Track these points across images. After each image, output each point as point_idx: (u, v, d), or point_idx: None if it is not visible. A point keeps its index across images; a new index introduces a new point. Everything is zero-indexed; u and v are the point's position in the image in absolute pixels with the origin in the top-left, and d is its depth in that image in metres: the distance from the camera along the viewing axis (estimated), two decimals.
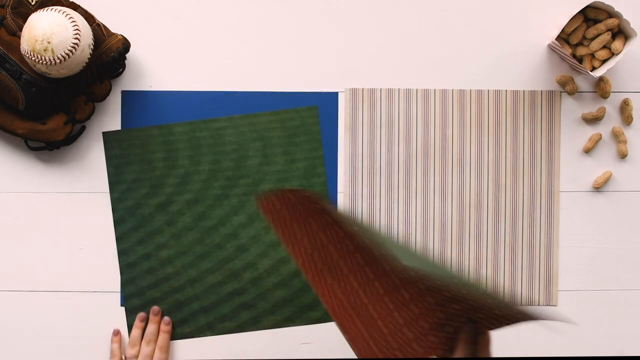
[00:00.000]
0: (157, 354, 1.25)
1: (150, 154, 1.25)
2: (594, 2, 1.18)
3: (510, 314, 0.91)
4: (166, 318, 1.26)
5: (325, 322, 1.26)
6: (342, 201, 1.26)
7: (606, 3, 1.17)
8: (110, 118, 1.25)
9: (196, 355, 1.26)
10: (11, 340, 1.26)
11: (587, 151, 1.25)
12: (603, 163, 1.26)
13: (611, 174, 1.25)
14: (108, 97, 1.23)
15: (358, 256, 0.98)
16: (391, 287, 0.98)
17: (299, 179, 1.26)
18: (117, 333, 1.26)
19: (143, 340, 1.25)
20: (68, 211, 1.25)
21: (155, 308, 1.26)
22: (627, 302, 1.26)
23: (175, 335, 1.26)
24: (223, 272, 1.26)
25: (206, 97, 1.25)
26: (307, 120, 1.25)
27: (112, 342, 1.26)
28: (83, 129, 1.24)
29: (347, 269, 1.01)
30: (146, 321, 1.26)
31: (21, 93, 1.18)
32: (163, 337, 1.25)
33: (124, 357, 1.26)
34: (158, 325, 1.26)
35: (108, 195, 1.25)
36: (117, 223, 1.25)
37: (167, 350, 1.26)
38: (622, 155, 1.25)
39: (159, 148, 1.25)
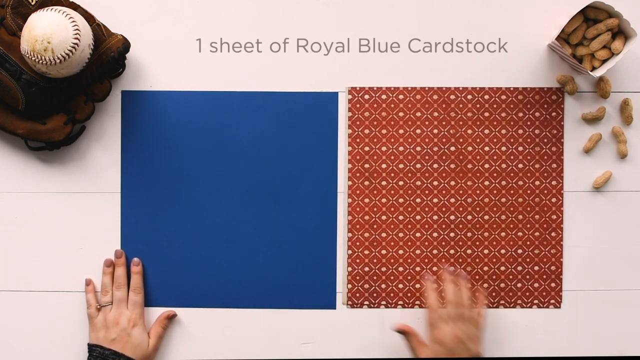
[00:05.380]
0: (131, 296, 1.24)
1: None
2: (594, 2, 1.18)
3: None
4: (135, 259, 1.25)
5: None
6: (342, 200, 1.26)
7: (606, 3, 1.17)
8: (110, 118, 1.25)
9: (195, 353, 1.26)
10: (11, 340, 1.26)
11: (587, 151, 1.25)
12: (603, 163, 1.26)
13: (611, 174, 1.25)
14: (108, 97, 1.23)
15: None
16: None
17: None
18: (89, 282, 1.25)
19: (113, 285, 1.24)
20: (68, 211, 1.25)
21: (118, 251, 1.25)
22: (627, 302, 1.26)
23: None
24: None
25: (206, 98, 1.25)
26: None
27: (86, 292, 1.25)
28: (83, 129, 1.24)
29: None
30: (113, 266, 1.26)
31: (21, 93, 1.18)
32: (134, 278, 1.24)
33: (98, 306, 1.24)
34: (125, 268, 1.25)
35: (108, 195, 1.25)
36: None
37: (140, 292, 1.24)
38: (622, 155, 1.25)
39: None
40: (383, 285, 1.27)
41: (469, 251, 1.27)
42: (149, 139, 1.25)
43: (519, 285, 1.27)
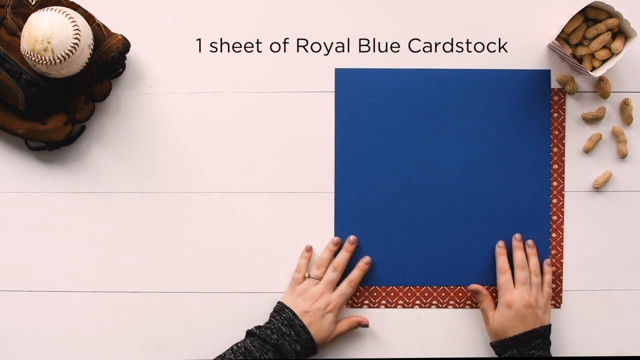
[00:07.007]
0: (344, 286, 1.22)
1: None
2: (594, 2, 1.18)
3: None
4: (367, 257, 1.24)
5: None
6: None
7: (606, 3, 1.17)
8: (110, 118, 1.25)
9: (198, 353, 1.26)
10: (11, 340, 1.26)
11: (587, 151, 1.25)
12: (603, 163, 1.26)
13: (611, 174, 1.25)
14: (108, 97, 1.23)
15: None
16: None
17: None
18: (309, 249, 1.24)
19: (330, 266, 1.23)
20: (68, 211, 1.25)
21: (352, 237, 1.24)
22: (627, 302, 1.26)
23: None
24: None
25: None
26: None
27: (301, 256, 1.24)
28: (83, 129, 1.24)
29: None
30: (340, 247, 1.24)
31: (21, 93, 1.18)
32: (357, 273, 1.23)
33: (307, 275, 1.23)
34: (350, 255, 1.23)
35: (108, 195, 1.25)
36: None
37: (355, 286, 1.23)
38: (622, 155, 1.25)
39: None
40: (383, 285, 1.27)
41: None
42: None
43: None
